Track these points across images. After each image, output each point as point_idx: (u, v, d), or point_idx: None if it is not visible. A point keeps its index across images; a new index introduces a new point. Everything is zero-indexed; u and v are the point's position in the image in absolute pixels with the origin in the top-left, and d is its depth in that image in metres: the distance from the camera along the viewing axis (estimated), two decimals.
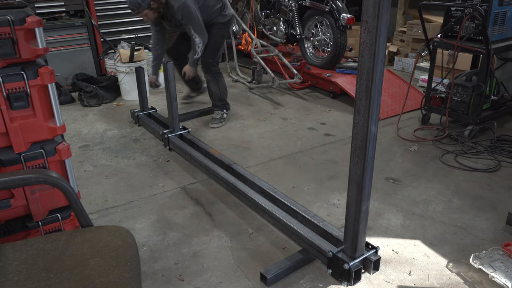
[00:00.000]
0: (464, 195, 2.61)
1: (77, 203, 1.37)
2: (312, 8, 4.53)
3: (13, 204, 1.64)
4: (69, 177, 1.74)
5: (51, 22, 4.36)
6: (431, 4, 3.80)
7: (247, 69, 5.24)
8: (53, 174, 1.35)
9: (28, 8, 1.59)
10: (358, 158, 1.59)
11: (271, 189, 2.35)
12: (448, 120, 3.47)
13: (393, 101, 4.06)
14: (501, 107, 3.56)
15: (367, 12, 1.38)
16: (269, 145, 3.32)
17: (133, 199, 2.60)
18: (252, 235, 2.25)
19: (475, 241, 2.20)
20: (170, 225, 2.34)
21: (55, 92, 1.65)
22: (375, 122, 1.52)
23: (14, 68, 1.53)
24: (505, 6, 3.22)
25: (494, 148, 3.16)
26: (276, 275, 1.91)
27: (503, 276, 1.88)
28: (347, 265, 1.74)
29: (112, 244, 1.29)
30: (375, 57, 1.41)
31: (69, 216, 1.76)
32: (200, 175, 2.86)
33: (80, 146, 3.33)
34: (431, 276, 1.97)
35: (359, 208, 1.67)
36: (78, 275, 1.18)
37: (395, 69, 5.29)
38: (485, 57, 3.13)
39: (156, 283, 1.93)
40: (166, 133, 3.17)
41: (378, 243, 2.16)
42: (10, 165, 1.59)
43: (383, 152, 3.15)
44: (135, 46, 4.27)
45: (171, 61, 3.05)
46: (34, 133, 1.61)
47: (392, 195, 2.62)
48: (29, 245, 1.30)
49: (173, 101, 3.12)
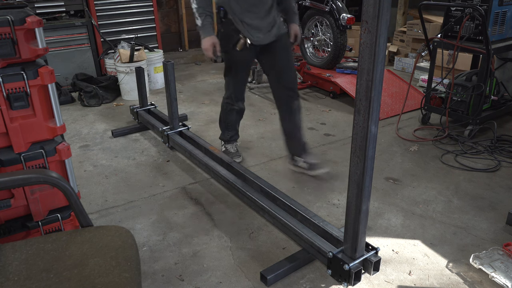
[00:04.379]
0: (464, 195, 2.61)
1: (77, 203, 1.36)
2: (312, 8, 4.53)
3: (13, 204, 1.64)
4: (69, 177, 1.74)
5: (51, 22, 4.36)
6: (431, 4, 3.80)
7: None
8: (53, 174, 1.35)
9: (28, 8, 1.58)
10: (358, 158, 1.59)
11: (271, 188, 2.35)
12: (448, 120, 3.47)
13: (393, 101, 4.06)
14: (501, 107, 3.55)
15: (367, 12, 1.38)
16: (269, 145, 3.32)
17: (133, 199, 2.60)
18: (252, 235, 2.25)
19: (475, 241, 2.20)
20: (170, 225, 2.34)
21: (55, 92, 1.65)
22: (375, 122, 1.52)
23: (14, 68, 1.53)
24: (505, 6, 3.22)
25: (494, 148, 3.16)
26: (276, 275, 1.91)
27: (503, 276, 1.88)
28: (347, 266, 1.74)
29: (112, 244, 1.29)
30: (375, 57, 1.41)
31: (69, 216, 1.76)
32: (200, 175, 2.86)
33: (80, 146, 3.33)
34: (431, 276, 1.97)
35: (359, 208, 1.67)
36: (78, 275, 1.18)
37: (395, 69, 5.29)
38: (485, 57, 3.13)
39: (156, 283, 1.93)
40: (165, 130, 3.17)
41: (378, 243, 2.17)
42: (10, 165, 1.59)
43: (383, 152, 3.15)
44: (135, 46, 4.27)
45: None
46: (34, 133, 1.61)
47: (392, 195, 2.62)
48: (29, 245, 1.30)
49: (173, 101, 3.12)
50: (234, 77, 2.78)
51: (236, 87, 2.82)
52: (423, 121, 3.64)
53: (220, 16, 2.54)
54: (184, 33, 5.90)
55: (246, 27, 2.51)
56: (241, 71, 2.76)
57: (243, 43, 2.52)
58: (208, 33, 2.51)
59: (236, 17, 2.49)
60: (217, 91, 4.64)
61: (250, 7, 2.47)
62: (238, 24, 2.50)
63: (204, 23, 2.50)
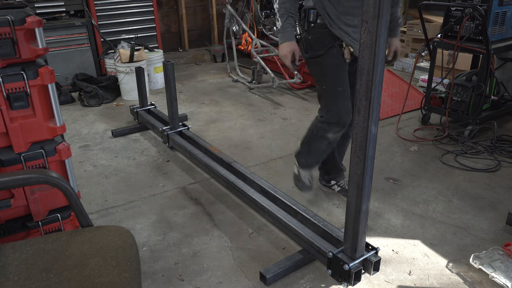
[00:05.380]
0: (464, 195, 2.61)
1: (77, 203, 1.37)
2: None
3: (13, 204, 1.64)
4: (69, 177, 1.74)
5: (51, 22, 4.35)
6: (431, 4, 3.80)
7: (247, 69, 5.24)
8: (53, 174, 1.35)
9: (28, 8, 1.58)
10: (358, 158, 1.59)
11: (271, 188, 2.35)
12: (448, 120, 3.47)
13: (393, 101, 4.06)
14: (501, 107, 3.56)
15: (367, 12, 1.38)
16: (269, 145, 3.32)
17: (133, 199, 2.60)
18: (252, 235, 2.25)
19: (475, 241, 2.20)
20: (170, 225, 2.34)
21: (55, 92, 1.65)
22: (375, 123, 1.52)
23: (14, 68, 1.53)
24: (505, 6, 3.22)
25: (494, 148, 3.16)
26: (275, 275, 1.91)
27: (503, 276, 1.88)
28: (347, 266, 1.74)
29: (112, 244, 1.29)
30: (375, 57, 1.41)
31: (69, 216, 1.76)
32: (200, 175, 2.86)
33: (80, 146, 3.33)
34: (431, 276, 1.97)
35: (359, 208, 1.67)
36: (78, 275, 1.18)
37: (395, 69, 5.29)
38: (485, 57, 3.13)
39: (156, 283, 1.93)
40: (165, 130, 3.17)
41: (378, 243, 2.17)
42: (10, 165, 1.59)
43: (383, 152, 3.15)
44: (135, 46, 4.27)
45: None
46: (34, 133, 1.61)
47: (392, 195, 2.62)
48: (29, 245, 1.30)
49: (173, 101, 3.12)
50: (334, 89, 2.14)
51: (339, 104, 2.15)
52: (423, 121, 3.64)
53: (309, 20, 2.13)
54: (184, 33, 5.90)
55: (345, 35, 2.09)
56: (341, 80, 2.16)
57: (347, 51, 2.12)
58: (288, 37, 2.13)
59: (334, 22, 2.07)
60: (217, 91, 4.65)
61: (350, 9, 2.06)
62: (335, 29, 2.09)
63: (285, 25, 2.11)
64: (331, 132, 2.20)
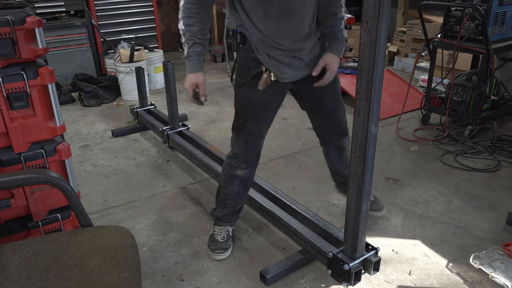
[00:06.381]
0: (464, 195, 2.61)
1: (77, 203, 1.37)
2: None
3: (13, 204, 1.64)
4: (69, 177, 1.74)
5: (51, 22, 4.35)
6: (431, 4, 3.80)
7: None
8: (53, 174, 1.35)
9: (28, 8, 1.58)
10: (358, 158, 1.59)
11: (271, 188, 2.35)
12: (448, 120, 3.47)
13: (393, 101, 4.06)
14: (501, 107, 3.55)
15: (367, 12, 1.38)
16: (269, 145, 3.32)
17: (133, 199, 2.60)
18: (252, 235, 2.25)
19: (475, 241, 2.20)
20: (170, 225, 2.34)
21: (55, 92, 1.65)
22: (375, 123, 1.52)
23: (14, 68, 1.53)
24: (505, 6, 3.22)
25: (494, 148, 3.16)
26: (275, 275, 1.91)
27: (503, 276, 1.88)
28: (347, 266, 1.74)
29: (112, 244, 1.29)
30: (375, 57, 1.41)
31: (69, 216, 1.76)
32: (200, 175, 2.86)
33: (80, 146, 3.33)
34: (431, 276, 1.97)
35: (359, 208, 1.67)
36: (78, 275, 1.18)
37: (395, 69, 5.29)
38: (485, 57, 3.13)
39: (156, 283, 1.93)
40: (165, 130, 3.17)
41: (378, 243, 2.17)
42: (10, 165, 1.59)
43: (383, 152, 3.15)
44: (135, 46, 4.27)
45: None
46: (34, 133, 1.61)
47: (392, 195, 2.62)
48: (29, 245, 1.30)
49: (173, 101, 3.12)
50: (248, 126, 1.92)
51: (249, 143, 1.95)
52: (423, 121, 3.64)
53: (237, 41, 1.84)
54: None
55: (272, 60, 1.76)
56: (258, 119, 1.92)
57: (266, 79, 1.78)
58: (192, 68, 1.84)
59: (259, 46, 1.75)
60: (217, 91, 4.64)
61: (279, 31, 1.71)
62: (261, 55, 1.76)
63: (189, 53, 1.78)
64: (239, 169, 2.00)
